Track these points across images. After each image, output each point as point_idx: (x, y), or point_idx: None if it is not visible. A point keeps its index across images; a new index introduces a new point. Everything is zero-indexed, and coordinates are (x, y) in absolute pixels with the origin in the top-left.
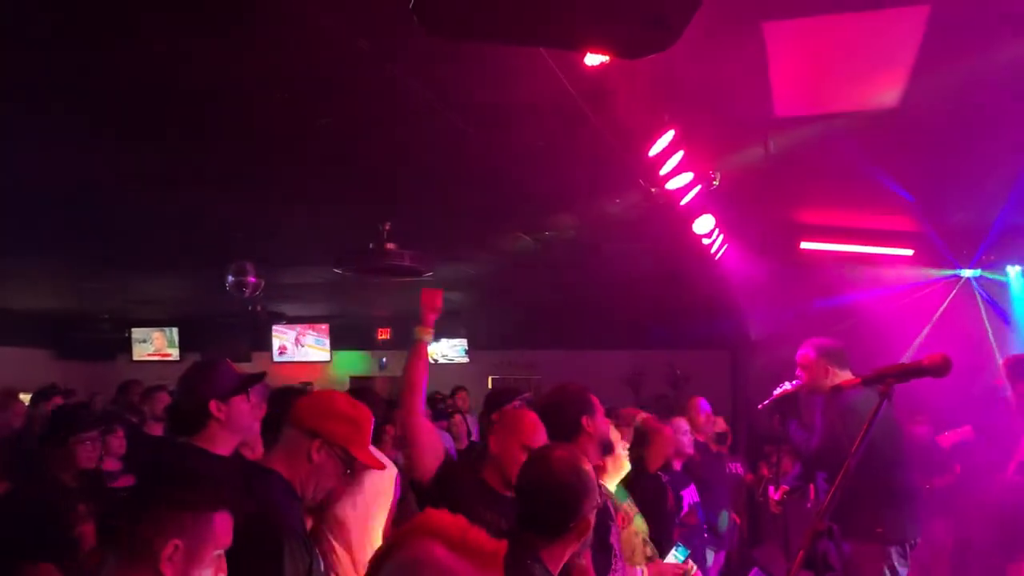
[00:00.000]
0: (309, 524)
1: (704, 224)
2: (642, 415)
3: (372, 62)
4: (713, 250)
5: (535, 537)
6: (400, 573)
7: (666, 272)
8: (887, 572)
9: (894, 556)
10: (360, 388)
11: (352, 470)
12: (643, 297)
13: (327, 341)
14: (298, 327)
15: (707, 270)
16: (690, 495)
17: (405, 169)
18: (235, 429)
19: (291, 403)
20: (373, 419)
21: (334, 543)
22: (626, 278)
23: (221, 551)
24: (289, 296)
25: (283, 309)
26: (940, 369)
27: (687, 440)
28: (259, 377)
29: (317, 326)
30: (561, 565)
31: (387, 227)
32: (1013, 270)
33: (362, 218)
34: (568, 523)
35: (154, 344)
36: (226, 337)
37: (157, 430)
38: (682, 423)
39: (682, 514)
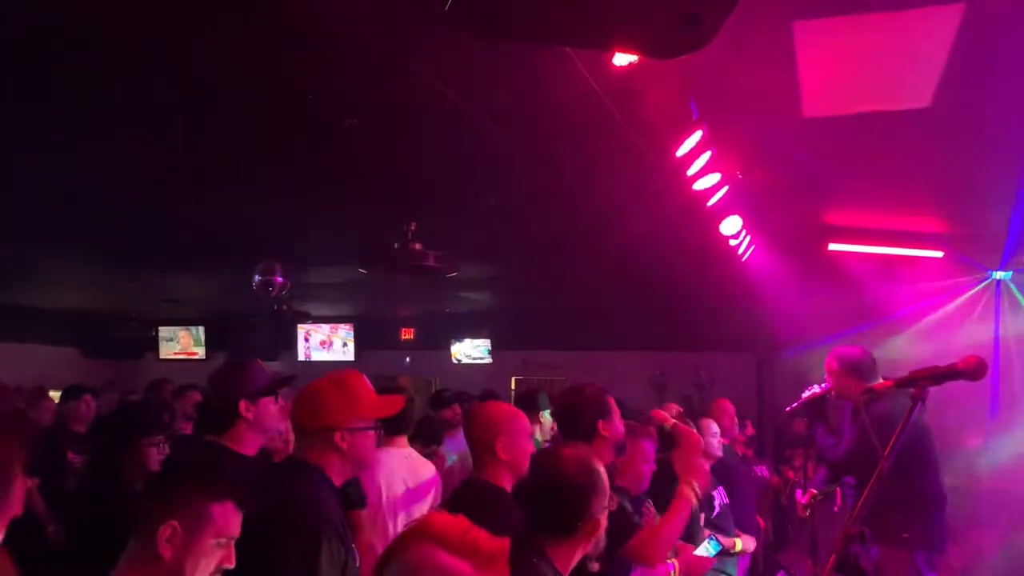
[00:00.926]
0: None
1: (731, 225)
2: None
3: (400, 63)
4: (740, 251)
5: (543, 537)
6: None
7: (692, 273)
8: None
9: (921, 562)
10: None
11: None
12: (668, 298)
13: (352, 340)
14: (324, 326)
15: (733, 271)
16: (720, 496)
17: (431, 169)
18: (262, 429)
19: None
20: (364, 380)
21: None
22: (651, 278)
23: (226, 540)
24: (314, 296)
25: (308, 308)
26: (975, 372)
27: (716, 442)
28: (289, 379)
29: (342, 325)
30: (571, 566)
31: (412, 227)
32: None
33: (388, 218)
34: (577, 522)
35: (180, 343)
36: (252, 336)
37: (187, 428)
38: (711, 425)
39: (713, 515)
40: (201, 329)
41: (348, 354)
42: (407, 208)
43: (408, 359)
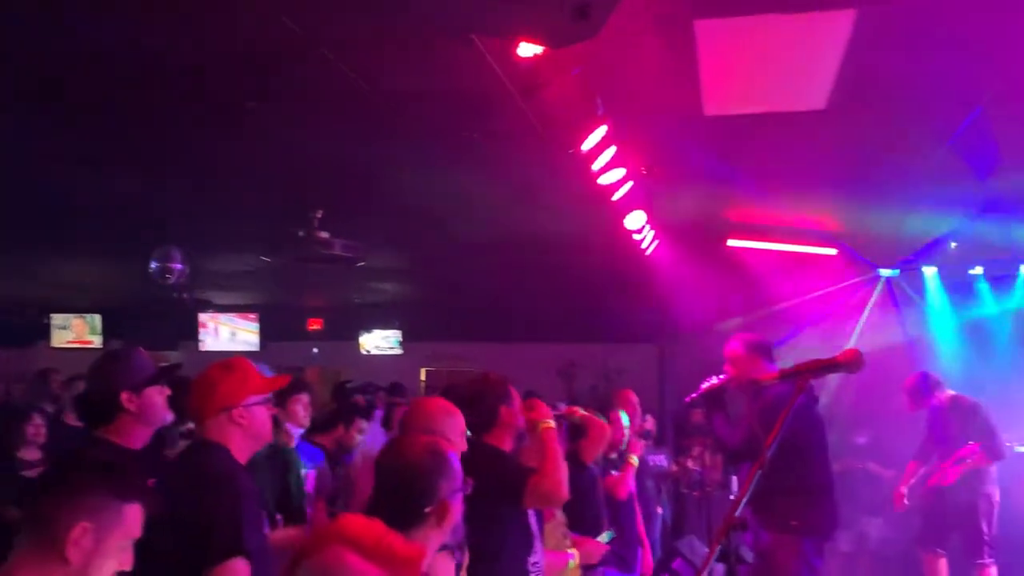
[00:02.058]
0: None
1: (635, 220)
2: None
3: (302, 46)
4: (644, 245)
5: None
6: None
7: (599, 266)
8: (802, 564)
9: (808, 548)
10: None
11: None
12: (577, 290)
13: (257, 331)
14: (226, 316)
15: (638, 265)
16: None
17: (336, 156)
18: (148, 421)
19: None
20: (250, 362)
21: None
22: (560, 271)
23: (128, 543)
24: (217, 284)
25: (211, 297)
26: (853, 365)
27: (621, 437)
28: (175, 368)
29: (246, 315)
30: (428, 557)
31: (319, 215)
32: (929, 271)
33: (293, 205)
34: (423, 508)
35: (74, 331)
36: (151, 326)
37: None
38: (620, 417)
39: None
40: (97, 317)
41: (253, 344)
42: (313, 195)
43: (316, 350)
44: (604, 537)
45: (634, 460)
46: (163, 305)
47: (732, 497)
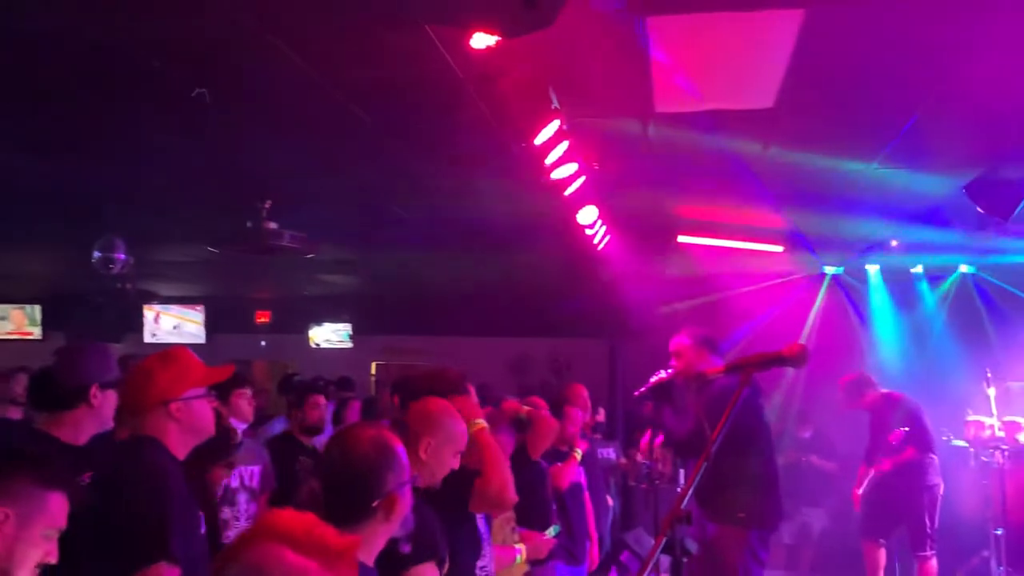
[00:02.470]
0: None
1: (587, 215)
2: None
3: (251, 34)
4: (596, 240)
5: (339, 525)
6: None
7: (551, 260)
8: (748, 556)
9: (754, 540)
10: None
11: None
12: (528, 285)
13: (202, 323)
14: (172, 307)
15: (590, 260)
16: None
17: (286, 145)
18: (101, 420)
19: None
20: (191, 353)
21: None
22: (513, 265)
23: (54, 532)
24: (162, 275)
25: (156, 288)
26: (798, 359)
27: (575, 431)
28: None
29: (192, 307)
30: (376, 551)
31: (267, 205)
32: (872, 268)
33: (241, 195)
34: (370, 502)
35: (13, 322)
36: (95, 317)
37: (14, 414)
38: (576, 413)
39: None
40: (37, 308)
41: (199, 336)
42: (262, 185)
43: (264, 343)
44: (551, 531)
45: (578, 454)
46: (106, 296)
47: (680, 490)
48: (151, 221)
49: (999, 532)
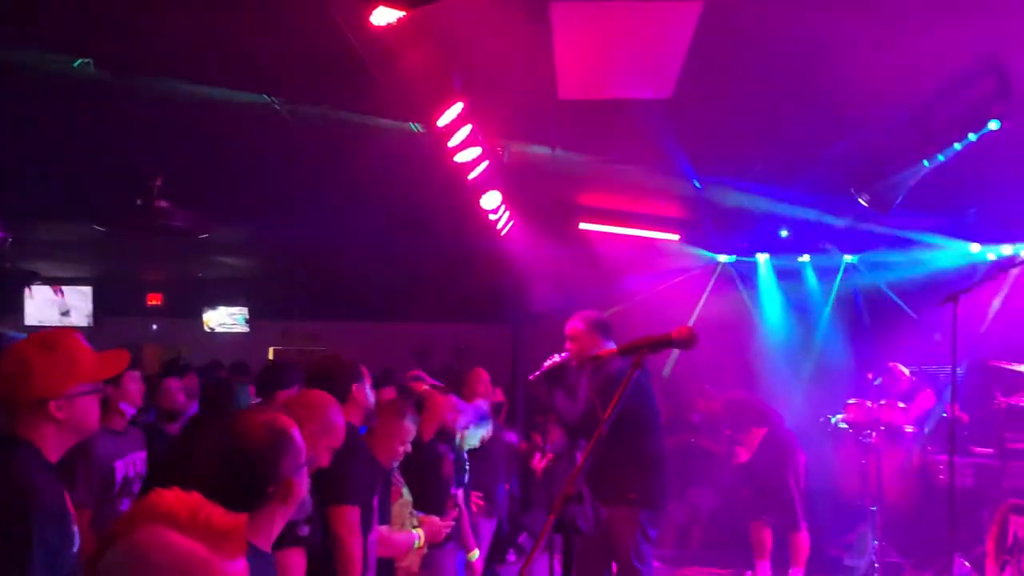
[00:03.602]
0: None
1: (491, 200)
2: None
3: (141, 3)
4: (499, 226)
5: (236, 511)
6: (126, 563)
7: (454, 245)
8: (639, 535)
9: (644, 520)
10: None
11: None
12: (431, 270)
13: (89, 305)
14: (56, 288)
15: (493, 245)
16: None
17: (179, 120)
18: None
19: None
20: (79, 339)
21: None
22: (414, 250)
23: None
24: (45, 254)
25: (38, 268)
26: (687, 342)
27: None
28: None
29: (78, 288)
30: (274, 535)
31: (158, 183)
32: (762, 257)
33: (131, 172)
34: (266, 488)
35: None
36: None
37: None
38: (457, 400)
39: (465, 478)
40: None
41: (85, 319)
42: (153, 162)
43: (155, 327)
44: (472, 555)
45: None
46: None
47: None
48: (33, 197)
49: (874, 509)
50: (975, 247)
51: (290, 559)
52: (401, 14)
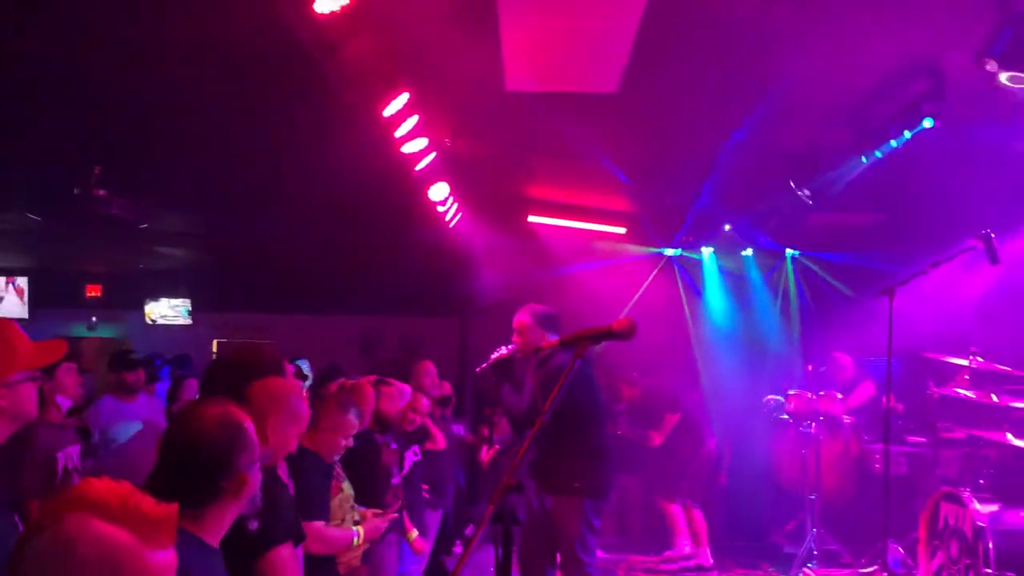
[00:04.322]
0: None
1: (439, 191)
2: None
3: None
4: (447, 218)
5: (186, 506)
6: (53, 552)
7: (402, 237)
8: (583, 524)
9: (589, 509)
10: None
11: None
12: (378, 261)
13: (24, 295)
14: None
15: (441, 237)
16: (412, 455)
17: (121, 107)
18: None
19: None
20: (15, 326)
21: None
22: (362, 241)
23: None
24: None
25: None
26: (627, 334)
27: (424, 406)
28: None
29: (11, 278)
30: (224, 530)
31: (97, 171)
32: (707, 251)
33: (68, 160)
34: (219, 483)
35: None
36: None
37: None
38: (406, 388)
39: (404, 472)
40: None
41: (20, 311)
42: (92, 150)
43: (94, 319)
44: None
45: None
46: None
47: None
48: None
49: (813, 497)
50: (911, 243)
51: (279, 556)
52: (345, 1)
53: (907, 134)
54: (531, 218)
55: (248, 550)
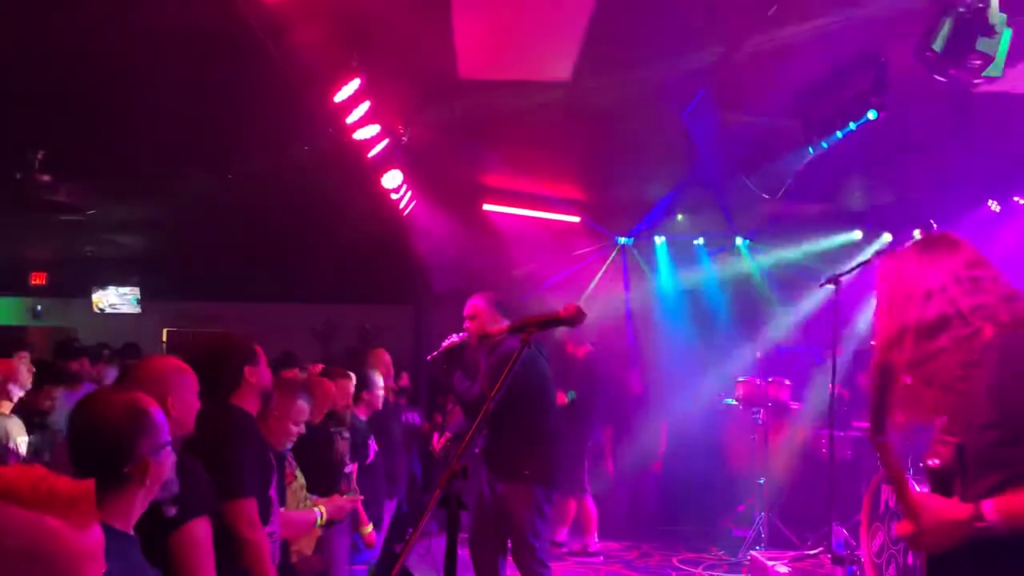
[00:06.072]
0: None
1: (392, 179)
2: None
3: None
4: (401, 206)
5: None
6: None
7: (355, 225)
8: (534, 511)
9: (540, 496)
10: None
11: None
12: (333, 249)
13: None
14: None
15: (395, 225)
16: (374, 444)
17: (64, 92)
18: None
19: None
20: None
21: None
22: (315, 229)
23: None
24: None
25: None
26: (574, 319)
27: (379, 394)
28: None
29: None
30: (134, 517)
31: (40, 156)
32: (659, 239)
33: (10, 144)
34: (121, 468)
35: None
36: None
37: None
38: (377, 378)
39: (367, 461)
40: None
41: None
42: (35, 134)
43: (39, 307)
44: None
45: None
46: None
47: (477, 451)
48: None
49: (762, 482)
50: (857, 234)
51: (197, 529)
52: None
53: (852, 125)
54: (486, 206)
55: (163, 529)
